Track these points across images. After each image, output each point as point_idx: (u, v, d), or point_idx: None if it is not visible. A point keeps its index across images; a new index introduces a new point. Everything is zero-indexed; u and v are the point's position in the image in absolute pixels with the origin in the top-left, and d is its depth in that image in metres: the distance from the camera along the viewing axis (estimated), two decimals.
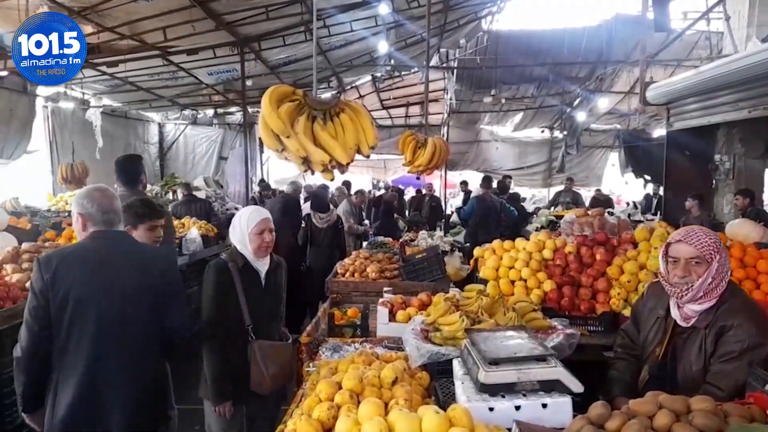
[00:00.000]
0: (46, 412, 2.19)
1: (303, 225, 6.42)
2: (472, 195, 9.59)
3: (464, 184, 13.33)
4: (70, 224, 5.96)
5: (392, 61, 12.33)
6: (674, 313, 2.12)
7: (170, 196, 8.68)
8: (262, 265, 2.74)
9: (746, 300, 2.11)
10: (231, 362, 2.61)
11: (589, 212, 4.84)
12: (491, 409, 1.71)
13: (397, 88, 15.24)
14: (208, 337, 2.55)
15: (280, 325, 2.89)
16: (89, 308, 2.17)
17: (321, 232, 6.31)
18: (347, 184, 10.50)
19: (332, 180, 2.76)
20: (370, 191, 15.10)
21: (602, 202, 10.88)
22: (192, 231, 6.54)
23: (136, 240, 2.60)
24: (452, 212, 11.68)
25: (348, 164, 2.56)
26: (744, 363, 1.87)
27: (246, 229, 2.66)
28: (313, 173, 2.69)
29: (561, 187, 12.83)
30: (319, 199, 6.57)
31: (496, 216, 8.20)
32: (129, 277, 2.27)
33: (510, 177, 12.85)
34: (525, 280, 3.72)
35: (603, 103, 12.63)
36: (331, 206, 6.89)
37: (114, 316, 2.21)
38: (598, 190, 13.57)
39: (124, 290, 2.24)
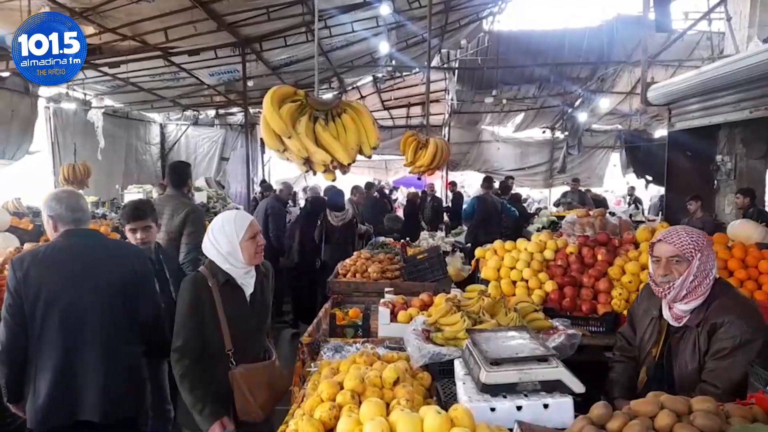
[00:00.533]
0: (27, 401, 2.32)
1: (318, 223, 6.70)
2: (473, 195, 9.59)
3: (453, 184, 13.23)
4: None
5: (393, 62, 12.33)
6: (666, 313, 2.14)
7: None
8: (248, 280, 2.40)
9: (737, 296, 2.12)
10: (211, 390, 2.26)
11: (591, 212, 4.84)
12: (493, 410, 1.71)
13: (399, 88, 15.24)
14: (183, 364, 2.24)
15: (265, 339, 2.56)
16: (60, 303, 2.30)
17: (336, 230, 6.56)
18: (370, 185, 10.69)
19: (334, 180, 2.76)
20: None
21: (599, 202, 10.87)
22: None
23: (106, 237, 2.76)
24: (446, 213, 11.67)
25: (350, 164, 2.56)
26: (738, 359, 1.89)
27: (236, 239, 2.30)
28: (315, 174, 2.68)
29: (563, 188, 12.81)
30: (336, 198, 6.81)
31: (497, 216, 8.21)
32: (99, 273, 2.39)
33: (512, 178, 12.84)
34: (526, 281, 3.71)
35: (604, 103, 12.64)
36: (347, 205, 7.18)
37: (85, 309, 2.34)
38: (588, 190, 13.43)
39: (94, 285, 2.36)
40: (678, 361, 2.07)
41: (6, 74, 7.38)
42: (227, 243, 2.31)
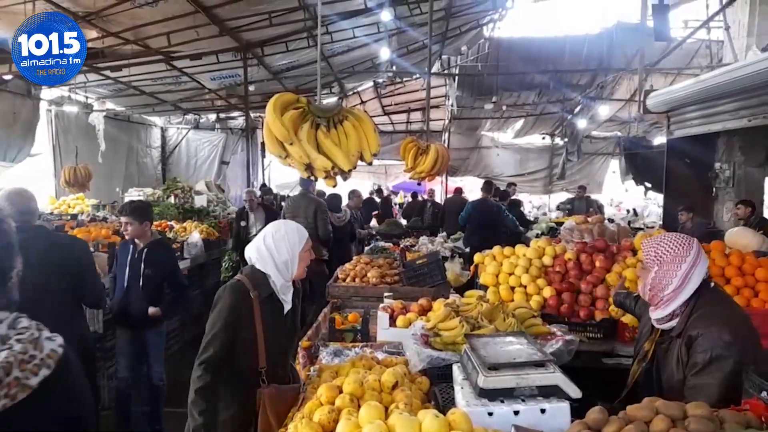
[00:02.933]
0: None
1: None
2: (472, 200, 9.58)
3: (459, 191, 13.19)
4: (72, 227, 6.00)
5: (394, 68, 12.38)
6: None
7: (172, 200, 8.70)
8: (288, 296, 2.36)
9: (722, 308, 2.00)
10: (233, 410, 2.21)
11: (589, 219, 4.87)
12: (490, 414, 1.73)
13: (399, 94, 15.29)
14: (204, 379, 2.15)
15: (290, 360, 2.53)
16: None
17: (336, 229, 7.03)
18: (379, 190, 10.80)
19: (335, 186, 2.78)
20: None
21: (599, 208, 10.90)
22: (193, 235, 6.57)
23: (51, 232, 3.36)
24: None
25: (350, 171, 2.59)
26: (712, 377, 1.82)
27: (298, 248, 2.30)
28: (316, 179, 2.71)
29: (562, 194, 12.81)
30: (335, 200, 7.36)
31: (495, 222, 8.19)
32: (48, 260, 2.90)
33: (514, 184, 12.83)
34: (525, 287, 3.73)
35: (604, 110, 12.67)
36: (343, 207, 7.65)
37: (37, 290, 2.74)
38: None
39: (44, 270, 2.82)
40: (666, 370, 2.06)
41: (8, 77, 7.41)
42: (288, 251, 2.28)
